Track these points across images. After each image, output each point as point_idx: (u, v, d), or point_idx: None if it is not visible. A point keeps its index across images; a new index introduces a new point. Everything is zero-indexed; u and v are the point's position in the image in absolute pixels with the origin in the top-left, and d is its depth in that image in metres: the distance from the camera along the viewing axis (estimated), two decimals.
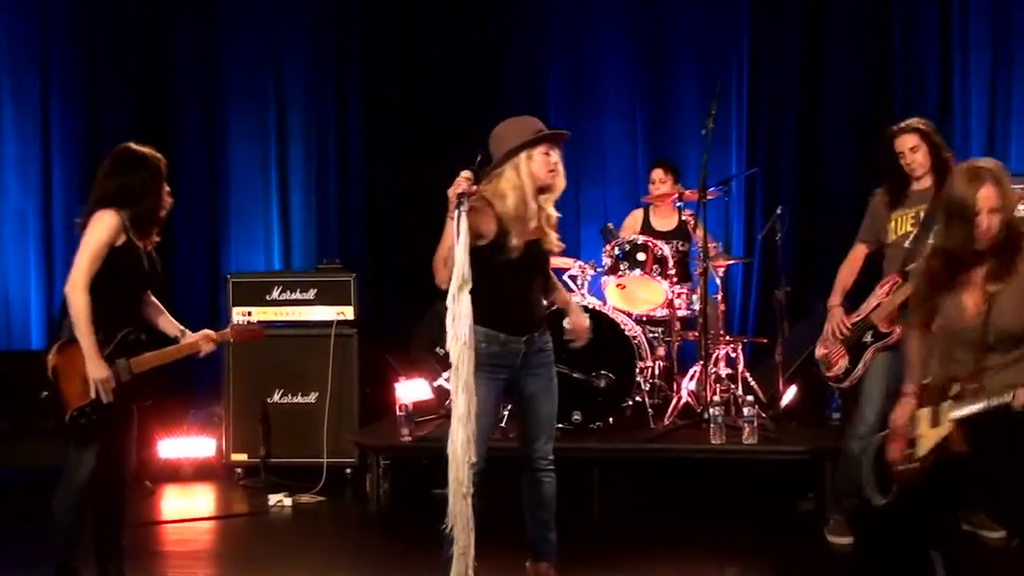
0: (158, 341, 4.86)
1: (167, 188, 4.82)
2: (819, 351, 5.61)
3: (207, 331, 4.90)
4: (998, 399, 3.84)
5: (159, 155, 4.80)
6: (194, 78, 9.07)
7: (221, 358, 7.09)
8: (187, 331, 4.88)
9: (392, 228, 8.94)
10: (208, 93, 9.09)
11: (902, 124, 5.39)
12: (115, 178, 4.68)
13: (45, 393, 4.60)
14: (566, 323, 4.79)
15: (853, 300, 5.54)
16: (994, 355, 3.97)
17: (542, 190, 4.45)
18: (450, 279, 4.06)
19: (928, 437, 4.06)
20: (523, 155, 4.40)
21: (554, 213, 4.54)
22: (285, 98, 9.15)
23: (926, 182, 5.33)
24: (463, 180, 4.13)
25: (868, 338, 5.37)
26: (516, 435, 4.75)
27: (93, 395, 4.56)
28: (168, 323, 4.91)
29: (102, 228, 4.58)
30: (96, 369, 4.54)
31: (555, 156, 4.45)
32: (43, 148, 8.76)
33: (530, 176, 4.40)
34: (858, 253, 5.60)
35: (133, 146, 4.78)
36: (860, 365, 5.36)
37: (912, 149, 5.31)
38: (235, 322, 5.13)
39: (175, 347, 4.83)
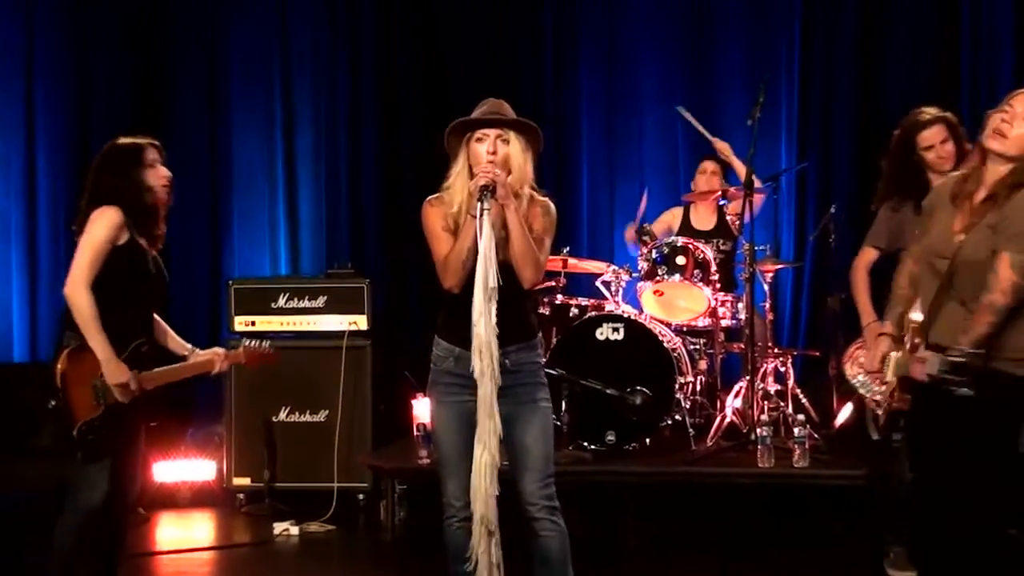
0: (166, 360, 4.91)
1: (164, 173, 4.80)
2: (852, 370, 5.57)
3: (218, 349, 4.97)
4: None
5: (154, 142, 4.83)
6: (194, 66, 9.10)
7: (223, 374, 7.09)
8: (196, 350, 4.95)
9: (410, 229, 8.83)
10: (210, 82, 9.11)
11: (925, 116, 5.31)
12: (106, 175, 4.71)
13: (52, 403, 4.58)
14: None
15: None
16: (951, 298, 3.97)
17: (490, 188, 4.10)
18: (462, 283, 4.06)
19: (887, 387, 4.14)
20: (463, 149, 4.24)
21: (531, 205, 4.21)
22: (293, 87, 9.16)
23: (942, 178, 5.27)
24: (488, 169, 4.06)
25: None
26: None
27: (103, 408, 4.57)
28: (176, 343, 4.96)
29: (102, 224, 4.60)
30: (114, 373, 4.55)
31: (489, 143, 4.16)
32: (27, 142, 8.76)
33: (463, 169, 4.23)
34: (869, 259, 5.55)
35: (124, 140, 4.82)
36: None
37: (943, 141, 5.27)
38: (247, 343, 5.18)
39: (186, 364, 4.89)
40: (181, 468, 7.43)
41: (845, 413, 6.84)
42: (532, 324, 4.35)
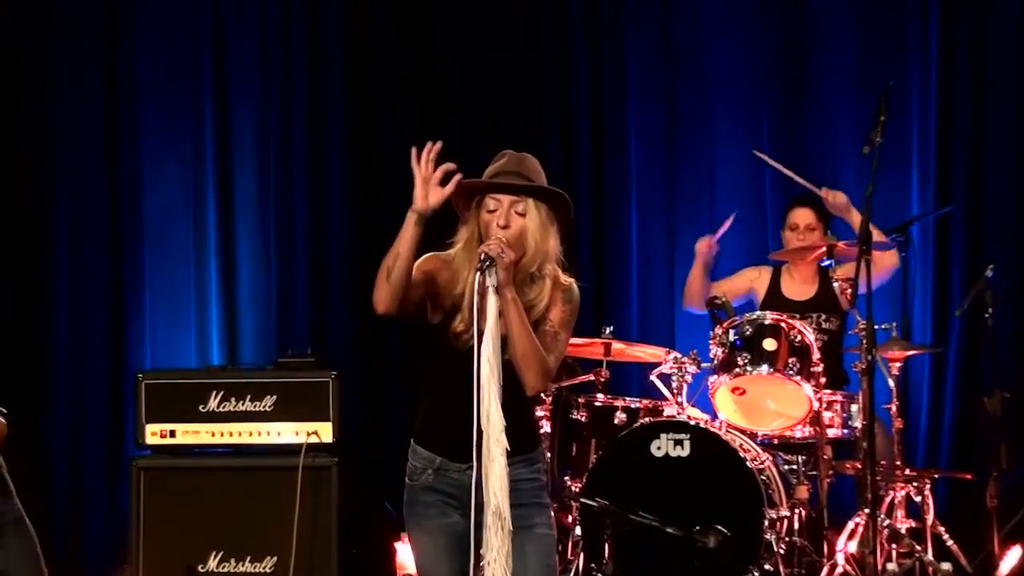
0: None
1: None
2: None
3: None
4: None
5: None
6: (88, 75, 9.04)
7: (126, 504, 7.06)
8: None
9: None
10: (109, 98, 9.04)
11: None
12: None
13: None
14: None
15: None
16: None
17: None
18: (393, 309, 4.32)
19: None
20: (473, 212, 4.52)
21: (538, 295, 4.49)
22: (229, 105, 9.15)
23: None
24: (494, 244, 4.26)
25: None
26: None
27: None
28: None
29: None
30: None
31: (502, 217, 4.43)
32: None
33: (471, 241, 4.50)
34: None
35: None
36: None
37: None
38: None
39: None
40: None
41: (1012, 559, 6.82)
42: (534, 434, 4.72)
